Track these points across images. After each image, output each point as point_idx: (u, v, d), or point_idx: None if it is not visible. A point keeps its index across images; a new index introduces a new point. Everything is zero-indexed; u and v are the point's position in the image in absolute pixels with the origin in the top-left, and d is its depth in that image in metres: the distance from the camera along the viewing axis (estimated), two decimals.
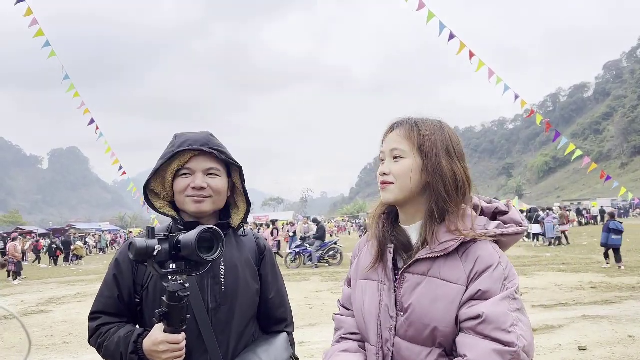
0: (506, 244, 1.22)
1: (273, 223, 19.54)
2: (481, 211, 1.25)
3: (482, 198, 1.28)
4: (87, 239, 35.64)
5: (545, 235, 18.68)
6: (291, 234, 19.78)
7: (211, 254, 1.23)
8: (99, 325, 1.50)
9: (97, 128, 7.38)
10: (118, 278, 1.51)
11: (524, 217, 1.26)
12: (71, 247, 23.51)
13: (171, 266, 1.26)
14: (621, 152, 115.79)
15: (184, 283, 1.25)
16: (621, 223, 11.46)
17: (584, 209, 38.17)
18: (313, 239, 15.68)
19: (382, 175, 1.25)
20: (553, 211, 20.36)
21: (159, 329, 1.34)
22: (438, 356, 1.14)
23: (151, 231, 1.25)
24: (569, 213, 24.52)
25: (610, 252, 11.31)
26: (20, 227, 53.42)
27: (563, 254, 14.93)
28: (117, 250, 1.72)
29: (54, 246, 23.53)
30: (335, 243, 15.99)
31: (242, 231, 1.63)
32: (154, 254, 1.21)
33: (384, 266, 1.26)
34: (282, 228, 23.47)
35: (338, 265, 15.04)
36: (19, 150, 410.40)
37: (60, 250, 23.44)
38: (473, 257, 1.14)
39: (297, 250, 15.58)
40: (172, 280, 1.24)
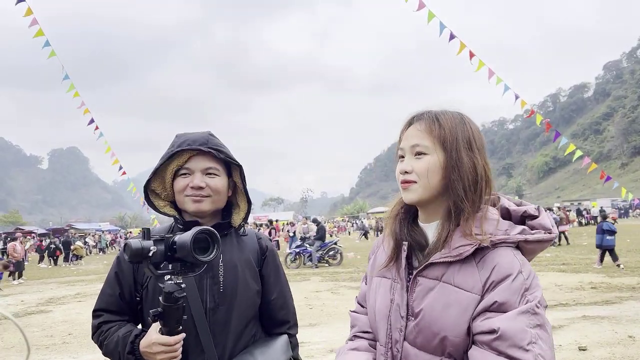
0: (531, 252, 1.13)
1: (271, 223, 19.57)
2: (508, 214, 1.17)
3: (511, 200, 1.21)
4: (87, 239, 35.62)
5: None
6: (291, 234, 19.79)
7: (207, 255, 1.22)
8: (101, 323, 1.51)
9: (96, 128, 7.36)
10: (119, 276, 1.52)
11: (554, 222, 1.17)
12: (71, 247, 23.53)
13: (167, 267, 1.25)
14: (621, 153, 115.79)
15: (180, 284, 1.24)
16: (613, 223, 11.46)
17: (584, 209, 38.16)
18: (314, 239, 15.69)
19: (403, 174, 1.16)
20: (553, 211, 20.36)
21: (155, 329, 1.34)
22: None
23: (146, 232, 1.24)
24: (568, 213, 24.52)
25: (607, 255, 11.32)
26: (20, 227, 53.42)
27: (563, 254, 14.91)
28: (120, 249, 1.73)
29: (53, 246, 23.54)
30: (335, 243, 16.00)
31: (242, 230, 1.63)
32: (149, 255, 1.20)
33: (398, 265, 1.21)
34: (282, 229, 23.50)
35: (338, 266, 15.04)
36: (19, 150, 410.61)
37: (59, 250, 23.45)
38: (490, 264, 1.06)
39: (297, 250, 15.58)
40: (168, 281, 1.23)
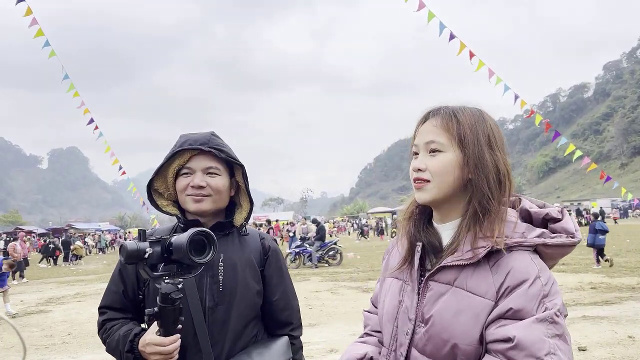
0: (552, 257, 1.07)
1: (269, 223, 19.59)
2: (529, 216, 1.10)
3: (533, 201, 1.14)
4: (86, 239, 35.64)
5: None
6: (291, 234, 19.80)
7: (203, 256, 1.21)
8: (105, 321, 1.52)
9: (96, 127, 7.37)
10: (123, 274, 1.53)
11: (577, 226, 1.09)
12: (71, 247, 23.52)
13: (163, 268, 1.25)
14: (621, 153, 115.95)
15: (177, 285, 1.23)
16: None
17: (584, 209, 38.09)
18: (314, 239, 15.69)
19: (416, 172, 1.11)
20: None
21: (152, 329, 1.34)
22: None
23: (142, 234, 1.24)
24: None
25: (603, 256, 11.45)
26: (20, 227, 53.45)
27: None
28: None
29: (52, 246, 23.54)
30: (335, 243, 16.01)
31: (243, 230, 1.62)
32: (144, 256, 1.19)
33: (411, 266, 1.17)
34: (282, 229, 23.50)
35: (338, 266, 15.05)
36: (18, 150, 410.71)
37: (59, 250, 23.45)
38: (505, 269, 1.00)
39: (297, 250, 15.59)
40: (165, 282, 1.23)
